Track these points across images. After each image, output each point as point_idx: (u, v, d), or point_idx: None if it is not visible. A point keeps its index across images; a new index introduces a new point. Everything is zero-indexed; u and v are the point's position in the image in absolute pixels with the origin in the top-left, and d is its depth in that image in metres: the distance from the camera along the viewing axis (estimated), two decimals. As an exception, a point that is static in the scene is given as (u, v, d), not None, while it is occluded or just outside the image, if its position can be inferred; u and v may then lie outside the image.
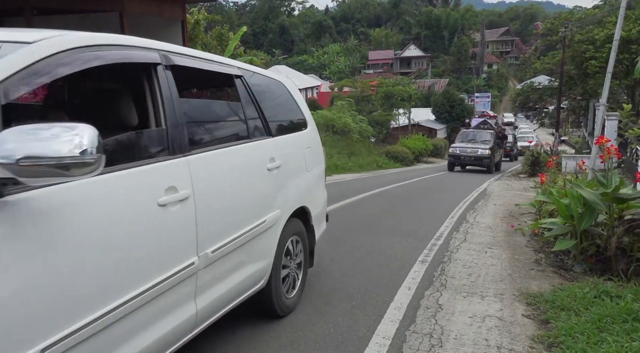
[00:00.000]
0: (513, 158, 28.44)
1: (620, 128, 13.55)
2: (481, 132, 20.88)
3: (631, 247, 4.38)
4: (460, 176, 18.02)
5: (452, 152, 19.91)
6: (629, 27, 22.55)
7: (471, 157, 19.38)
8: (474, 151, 19.36)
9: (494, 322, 3.47)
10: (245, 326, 3.32)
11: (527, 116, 54.62)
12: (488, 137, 20.11)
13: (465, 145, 19.74)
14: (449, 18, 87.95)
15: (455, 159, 19.79)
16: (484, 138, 20.11)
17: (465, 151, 19.48)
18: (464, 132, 21.40)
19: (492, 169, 19.38)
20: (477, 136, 20.43)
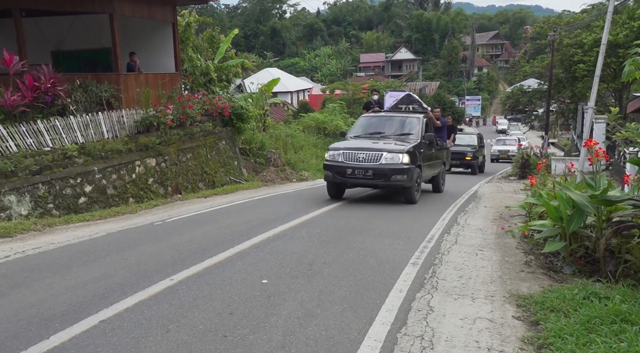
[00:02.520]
0: (477, 169, 20.21)
1: (608, 131, 13.72)
2: (398, 118, 10.57)
3: (619, 249, 4.43)
4: (451, 178, 18.07)
5: (332, 159, 9.35)
6: (616, 32, 22.86)
7: (366, 170, 8.93)
8: (372, 157, 8.98)
9: (484, 324, 3.49)
10: (241, 326, 3.31)
11: (517, 119, 54.68)
12: (412, 128, 10.07)
13: (360, 145, 9.38)
14: (440, 21, 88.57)
15: (336, 176, 9.29)
16: (402, 129, 10.17)
17: (357, 157, 9.07)
18: (364, 120, 10.91)
19: (413, 195, 9.24)
20: (389, 125, 10.42)
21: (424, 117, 10.41)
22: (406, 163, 8.77)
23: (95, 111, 9.69)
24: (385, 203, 9.39)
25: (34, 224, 6.63)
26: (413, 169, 8.94)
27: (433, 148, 10.40)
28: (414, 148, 9.20)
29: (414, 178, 9.08)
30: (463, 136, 21.78)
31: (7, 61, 8.90)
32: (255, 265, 4.82)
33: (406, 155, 8.85)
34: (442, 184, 11.63)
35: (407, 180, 8.85)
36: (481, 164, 21.35)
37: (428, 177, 10.57)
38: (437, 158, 10.90)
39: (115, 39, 10.82)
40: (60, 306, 3.70)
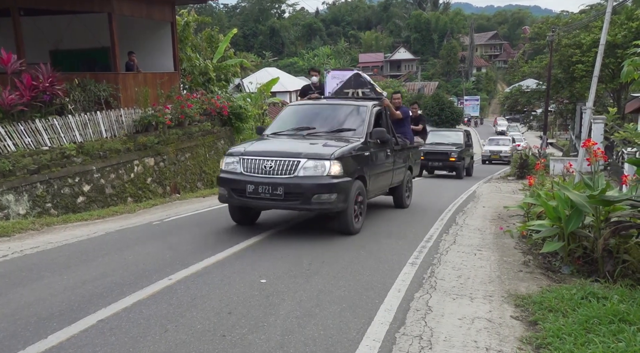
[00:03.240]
0: (462, 172, 17.53)
1: (607, 131, 13.75)
2: (338, 107, 7.50)
3: (617, 249, 4.44)
4: (448, 179, 18.08)
5: (228, 169, 6.32)
6: (614, 32, 22.90)
7: (275, 187, 5.78)
8: (285, 167, 5.86)
9: (483, 324, 3.49)
10: (236, 327, 3.31)
11: (515, 119, 54.56)
12: (355, 122, 7.05)
13: (269, 148, 6.41)
14: (439, 21, 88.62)
15: (232, 195, 6.20)
16: (342, 122, 7.11)
17: (262, 166, 5.96)
18: (290, 111, 7.85)
19: (349, 222, 6.11)
20: (323, 118, 7.31)
21: (376, 106, 7.36)
22: (336, 174, 5.76)
23: (93, 110, 9.69)
24: (382, 204, 9.39)
25: (32, 223, 6.61)
26: (348, 184, 5.90)
27: (388, 149, 7.40)
28: (353, 152, 6.20)
29: (351, 197, 5.93)
30: (447, 132, 19.85)
31: (5, 60, 8.89)
32: (253, 265, 4.82)
33: (336, 163, 5.76)
34: (408, 196, 8.84)
35: (338, 201, 5.75)
36: (468, 166, 18.89)
37: (383, 189, 7.68)
38: (397, 163, 7.86)
39: (114, 39, 10.81)
40: (58, 305, 3.69)
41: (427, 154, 16.14)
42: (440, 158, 16.78)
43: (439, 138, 18.35)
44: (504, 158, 28.19)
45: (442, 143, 17.44)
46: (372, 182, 6.78)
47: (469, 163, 18.82)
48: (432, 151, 16.67)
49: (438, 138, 18.30)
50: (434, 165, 16.96)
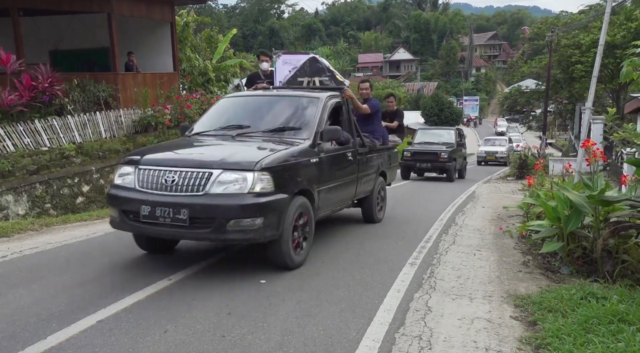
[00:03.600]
0: (453, 174, 15.84)
1: (606, 131, 13.77)
2: (283, 100, 5.89)
3: (617, 249, 4.45)
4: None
5: (121, 183, 4.61)
6: (613, 32, 22.93)
7: (178, 209, 4.11)
8: (191, 181, 4.20)
9: (482, 324, 3.49)
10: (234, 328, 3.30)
11: (515, 119, 54.49)
12: (302, 118, 5.43)
13: (175, 156, 4.80)
14: (438, 22, 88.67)
15: (124, 219, 4.47)
16: (287, 119, 5.46)
17: (162, 179, 4.28)
18: (223, 104, 6.14)
19: (286, 254, 4.51)
20: (262, 113, 5.69)
21: (332, 97, 5.81)
22: (263, 190, 4.23)
23: (93, 110, 9.69)
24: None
25: (31, 224, 6.61)
26: (282, 203, 4.36)
27: (350, 152, 5.87)
28: (291, 158, 4.65)
29: (286, 220, 4.44)
30: (437, 131, 18.34)
31: (4, 60, 8.88)
32: (254, 264, 4.82)
33: (264, 175, 4.24)
34: (380, 209, 7.27)
35: (266, 227, 4.24)
36: (461, 167, 17.16)
37: (342, 203, 6.05)
38: (363, 169, 6.33)
39: (113, 39, 10.82)
40: (57, 306, 3.69)
41: (415, 154, 15.53)
42: (429, 158, 15.36)
43: (428, 136, 17.07)
44: (500, 159, 27.40)
45: (432, 142, 16.20)
46: (323, 197, 5.15)
47: (461, 164, 17.12)
48: (420, 151, 15.64)
49: (427, 136, 17.05)
50: (422, 166, 15.53)
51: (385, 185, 7.64)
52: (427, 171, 15.98)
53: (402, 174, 15.58)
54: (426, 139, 16.69)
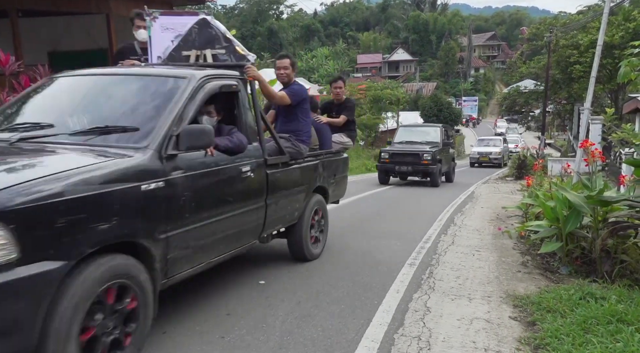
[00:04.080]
0: (438, 178, 13.73)
1: (604, 132, 13.79)
2: (138, 80, 3.66)
3: (615, 249, 4.46)
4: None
5: None
6: (612, 33, 22.96)
7: None
8: None
9: (481, 324, 3.49)
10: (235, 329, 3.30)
11: (514, 119, 54.43)
12: (150, 110, 3.23)
13: None
14: (437, 22, 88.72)
15: None
16: (128, 112, 3.29)
17: None
18: (52, 84, 3.85)
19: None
20: (97, 107, 3.46)
21: (215, 79, 3.64)
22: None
23: (91, 111, 9.68)
24: (380, 205, 9.41)
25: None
26: (42, 283, 2.13)
27: (248, 166, 3.78)
28: (81, 187, 2.37)
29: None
30: (421, 128, 16.09)
31: (3, 61, 8.88)
32: (253, 265, 4.82)
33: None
34: (317, 241, 5.20)
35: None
36: (448, 170, 15.03)
37: (242, 243, 3.97)
38: (282, 188, 4.34)
39: (112, 40, 10.80)
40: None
41: (393, 156, 13.49)
42: (410, 160, 13.29)
43: (410, 135, 15.05)
44: (494, 161, 25.65)
45: (414, 142, 14.22)
46: (185, 244, 3.11)
47: (449, 166, 15.05)
48: (399, 152, 13.58)
49: (410, 135, 15.06)
50: (402, 170, 13.35)
51: (326, 206, 5.42)
52: (408, 175, 13.95)
53: (380, 178, 13.83)
54: (408, 138, 14.63)
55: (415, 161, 13.25)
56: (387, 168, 13.66)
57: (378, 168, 13.93)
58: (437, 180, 13.54)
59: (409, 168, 13.28)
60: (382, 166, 13.71)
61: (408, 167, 13.25)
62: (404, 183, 14.70)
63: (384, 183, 13.78)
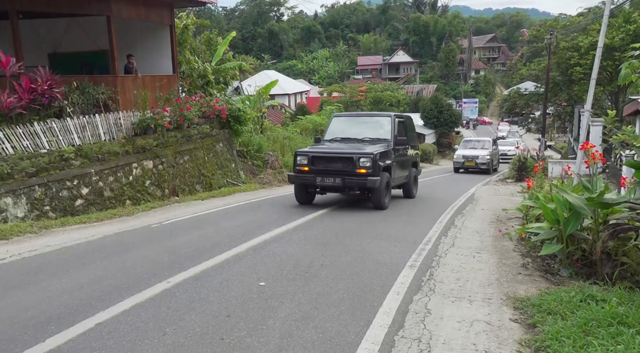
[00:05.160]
0: (382, 193, 8.82)
1: (605, 134, 13.78)
2: None
3: (616, 251, 4.45)
4: (447, 181, 18.11)
5: None
6: (612, 35, 22.97)
7: None
8: None
9: (481, 327, 3.48)
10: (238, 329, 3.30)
11: (514, 121, 54.33)
12: None
13: None
14: (437, 24, 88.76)
15: None
16: None
17: None
18: None
19: None
20: None
21: None
22: None
23: (92, 113, 9.68)
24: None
25: (30, 226, 6.60)
26: None
27: None
28: None
29: None
30: (362, 119, 10.89)
31: (3, 63, 8.88)
32: (253, 268, 4.81)
33: None
34: None
35: None
36: (407, 180, 10.53)
37: None
38: None
39: (113, 41, 10.81)
40: (56, 309, 3.68)
41: (315, 161, 8.78)
42: (339, 168, 8.63)
43: (347, 127, 10.22)
44: (482, 166, 21.78)
45: (350, 139, 9.63)
46: None
47: (407, 176, 10.46)
48: (324, 155, 8.92)
49: (346, 127, 10.23)
50: (326, 183, 8.67)
51: None
52: (337, 191, 9.14)
53: (297, 196, 9.23)
54: (343, 133, 9.95)
55: (347, 170, 8.53)
56: (305, 181, 8.87)
57: (291, 179, 9.12)
58: (382, 199, 8.71)
59: (337, 180, 8.50)
60: (297, 177, 8.90)
61: (336, 179, 8.50)
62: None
63: (306, 203, 9.17)
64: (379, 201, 8.77)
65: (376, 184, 8.50)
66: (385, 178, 8.85)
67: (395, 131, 9.72)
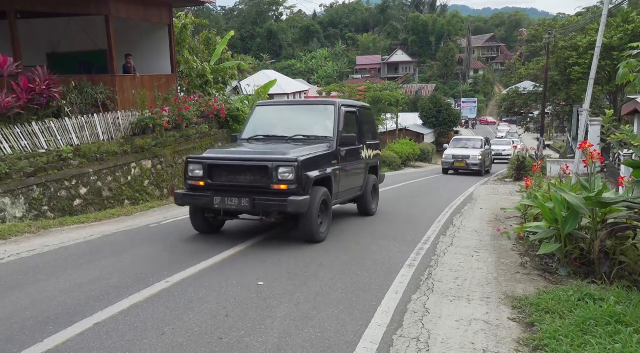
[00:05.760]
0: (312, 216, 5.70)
1: (603, 133, 13.80)
2: None
3: (613, 250, 4.46)
4: (448, 180, 18.12)
5: None
6: (610, 34, 23.00)
7: None
8: None
9: (480, 325, 3.49)
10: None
11: (512, 120, 54.34)
12: None
13: None
14: (436, 24, 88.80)
15: None
16: None
17: None
18: None
19: None
20: None
21: None
22: None
23: (90, 112, 9.67)
24: (379, 206, 9.38)
25: (28, 226, 6.59)
26: None
27: None
28: None
29: None
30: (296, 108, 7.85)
31: (1, 63, 8.87)
32: (249, 267, 4.81)
33: None
34: None
35: None
36: (362, 191, 7.80)
37: None
38: None
39: (111, 41, 10.80)
40: (54, 308, 3.68)
41: (214, 171, 5.95)
42: (247, 182, 5.82)
43: (274, 118, 7.41)
44: (473, 167, 19.77)
45: (277, 137, 6.90)
46: None
47: (362, 185, 7.75)
48: (228, 163, 6.01)
49: (272, 118, 7.42)
50: (227, 206, 5.75)
51: None
52: (234, 215, 6.28)
53: (194, 224, 6.40)
54: (268, 130, 7.14)
55: (259, 185, 5.73)
56: (197, 201, 6.03)
57: (178, 200, 6.11)
58: (313, 228, 5.85)
59: (244, 201, 5.64)
60: (186, 196, 6.06)
61: (242, 199, 5.66)
62: (402, 184, 14.64)
63: (207, 232, 6.40)
64: (309, 231, 5.80)
65: (302, 206, 5.49)
66: (319, 195, 5.86)
67: (340, 126, 6.83)
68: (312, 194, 5.76)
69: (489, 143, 23.31)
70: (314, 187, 5.88)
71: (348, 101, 7.79)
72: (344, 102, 7.37)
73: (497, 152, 28.70)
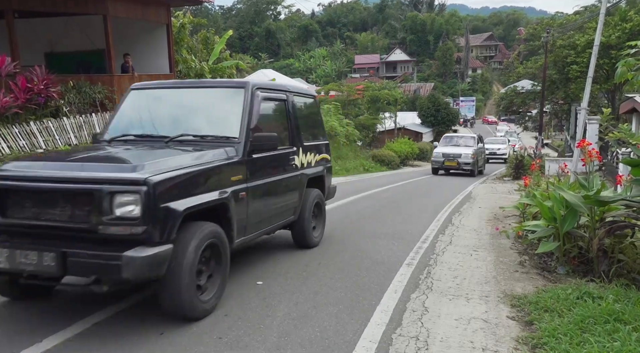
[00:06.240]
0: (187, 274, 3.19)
1: (601, 132, 13.81)
2: None
3: (612, 249, 4.46)
4: (446, 179, 18.11)
5: None
6: (608, 33, 23.04)
7: None
8: None
9: (479, 324, 3.49)
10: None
11: (510, 119, 54.39)
12: None
13: None
14: (434, 23, 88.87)
15: None
16: None
17: None
18: None
19: None
20: None
21: None
22: None
23: (88, 112, 9.66)
24: (378, 205, 9.41)
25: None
26: None
27: None
28: None
29: None
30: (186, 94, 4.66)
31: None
32: (249, 266, 4.81)
33: None
34: None
35: None
36: (295, 216, 5.23)
37: None
38: None
39: (109, 41, 10.80)
40: (53, 308, 3.67)
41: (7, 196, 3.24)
42: (61, 219, 3.12)
43: (154, 108, 4.71)
44: (465, 167, 18.26)
45: (155, 138, 4.28)
46: None
47: (290, 210, 5.12)
48: (28, 186, 3.24)
49: (152, 108, 4.73)
50: (23, 266, 3.04)
51: None
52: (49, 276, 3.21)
53: None
54: (143, 126, 4.60)
55: (79, 225, 3.11)
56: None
57: None
58: (184, 297, 3.25)
59: (47, 256, 3.00)
60: None
61: (45, 256, 3.01)
62: (401, 183, 14.66)
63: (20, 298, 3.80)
64: (179, 303, 3.31)
65: (152, 269, 3.08)
66: (196, 241, 3.35)
67: (253, 120, 4.32)
68: (181, 241, 3.25)
69: (483, 141, 21.83)
70: (187, 226, 3.34)
71: (272, 84, 5.75)
72: (262, 85, 4.86)
73: (492, 151, 27.65)
